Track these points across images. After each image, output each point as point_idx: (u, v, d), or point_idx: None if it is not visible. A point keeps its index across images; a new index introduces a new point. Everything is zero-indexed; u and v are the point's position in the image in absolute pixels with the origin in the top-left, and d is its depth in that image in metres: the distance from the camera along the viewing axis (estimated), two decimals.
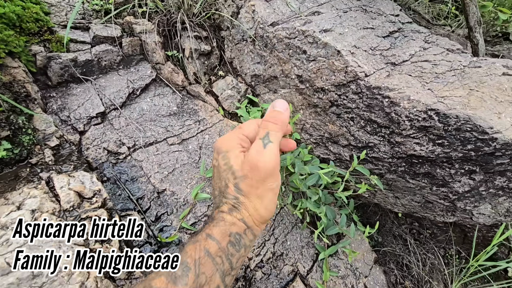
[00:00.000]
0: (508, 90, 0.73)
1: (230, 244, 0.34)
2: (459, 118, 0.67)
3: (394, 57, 0.86)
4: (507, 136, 0.64)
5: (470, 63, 0.85)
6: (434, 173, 0.81)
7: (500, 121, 0.66)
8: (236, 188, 0.36)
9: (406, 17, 1.13)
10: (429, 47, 0.91)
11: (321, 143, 1.04)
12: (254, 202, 0.36)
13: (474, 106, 0.69)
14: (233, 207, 0.36)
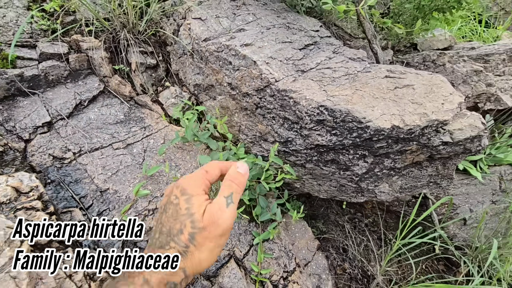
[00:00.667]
0: (384, 89, 0.92)
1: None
2: (342, 112, 0.84)
3: (303, 66, 1.04)
4: (377, 124, 0.82)
5: (364, 69, 1.04)
6: (338, 159, 0.97)
7: (373, 112, 0.84)
8: (190, 237, 0.36)
9: (326, 32, 1.33)
10: (334, 56, 1.10)
11: (255, 142, 1.19)
12: (202, 253, 0.36)
13: (355, 102, 0.86)
14: (180, 254, 0.36)
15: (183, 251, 0.36)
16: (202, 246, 0.36)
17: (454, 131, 0.84)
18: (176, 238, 0.36)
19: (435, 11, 1.34)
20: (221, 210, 0.37)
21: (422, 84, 0.95)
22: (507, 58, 1.46)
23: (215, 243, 0.37)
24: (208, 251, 0.37)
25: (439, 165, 0.98)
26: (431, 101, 0.87)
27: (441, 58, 1.40)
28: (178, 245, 0.36)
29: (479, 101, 1.39)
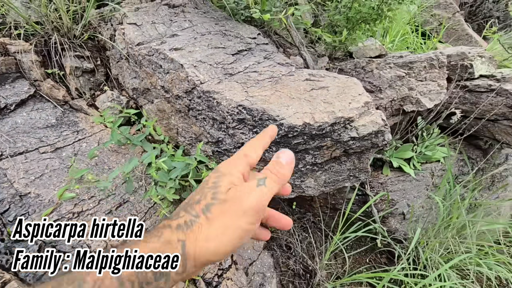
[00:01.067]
0: (302, 90, 1.00)
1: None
2: (258, 111, 0.90)
3: (232, 69, 1.09)
4: (290, 121, 0.89)
5: (288, 73, 1.12)
6: (264, 156, 1.03)
7: (287, 111, 0.91)
8: (205, 207, 0.31)
9: (263, 40, 1.41)
10: (264, 61, 1.18)
11: (192, 144, 1.22)
12: (212, 229, 0.30)
13: (272, 101, 0.93)
14: (185, 223, 0.30)
15: (190, 221, 0.30)
16: (215, 220, 0.31)
17: (359, 127, 0.93)
18: (189, 207, 0.32)
19: (362, 22, 1.47)
20: (249, 188, 0.33)
21: (336, 86, 1.04)
22: (427, 65, 1.63)
23: (232, 221, 0.30)
24: (221, 228, 0.30)
25: (355, 159, 1.06)
26: (340, 101, 0.96)
27: (369, 65, 1.53)
28: (187, 214, 0.31)
29: (403, 103, 1.53)
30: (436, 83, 1.62)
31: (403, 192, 1.85)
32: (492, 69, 1.80)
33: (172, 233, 0.30)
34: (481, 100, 1.71)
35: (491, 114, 1.69)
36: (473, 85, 1.74)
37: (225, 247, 0.30)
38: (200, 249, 0.29)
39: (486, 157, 1.99)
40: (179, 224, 0.30)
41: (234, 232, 0.30)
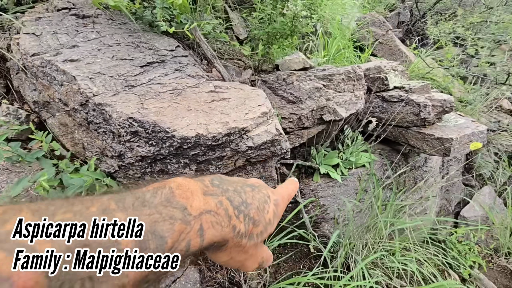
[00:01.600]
0: (201, 101, 1.01)
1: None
2: (149, 123, 0.89)
3: (135, 81, 1.07)
4: (182, 133, 0.89)
5: (195, 85, 1.13)
6: (167, 169, 1.01)
7: (180, 122, 0.91)
8: (251, 236, 0.35)
9: (182, 52, 1.42)
10: (173, 73, 1.17)
11: (100, 158, 1.16)
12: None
13: (166, 113, 0.92)
14: (238, 233, 0.32)
15: (240, 233, 0.32)
16: (242, 252, 0.34)
17: (254, 136, 0.95)
18: (247, 217, 0.34)
19: (280, 37, 1.55)
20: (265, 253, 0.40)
21: (239, 97, 1.07)
22: (345, 78, 1.75)
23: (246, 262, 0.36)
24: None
25: (260, 168, 1.09)
26: (237, 112, 0.98)
27: (290, 77, 1.60)
28: (241, 222, 0.33)
29: (323, 113, 1.62)
30: (353, 94, 1.75)
31: (333, 197, 1.93)
32: (404, 81, 2.00)
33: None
34: (395, 109, 1.87)
35: (403, 121, 1.85)
36: (388, 95, 1.90)
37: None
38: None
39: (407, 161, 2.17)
40: (235, 226, 0.32)
41: (234, 265, 0.35)
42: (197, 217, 0.28)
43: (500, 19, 3.79)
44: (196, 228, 0.28)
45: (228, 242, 0.32)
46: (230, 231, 0.31)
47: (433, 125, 1.79)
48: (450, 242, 2.50)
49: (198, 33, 1.21)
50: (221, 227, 0.30)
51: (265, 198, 0.37)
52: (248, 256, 0.36)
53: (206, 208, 0.30)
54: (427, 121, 1.74)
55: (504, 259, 2.64)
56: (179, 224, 0.27)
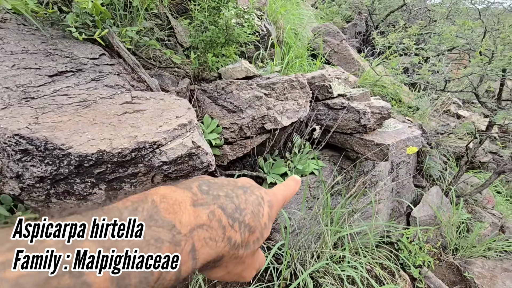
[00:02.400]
0: (112, 114, 0.92)
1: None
2: (40, 140, 0.79)
3: (37, 93, 0.96)
4: (79, 149, 0.79)
5: (110, 96, 1.04)
6: (72, 190, 0.90)
7: (80, 138, 0.81)
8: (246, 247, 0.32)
9: (107, 60, 1.32)
10: (87, 83, 1.07)
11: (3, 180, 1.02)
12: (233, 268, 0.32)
13: (63, 128, 0.83)
14: (234, 244, 0.29)
15: (235, 245, 0.29)
16: (239, 263, 0.31)
17: (167, 150, 0.88)
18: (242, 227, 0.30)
19: (216, 46, 1.51)
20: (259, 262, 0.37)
21: (156, 108, 1.00)
22: (288, 86, 1.75)
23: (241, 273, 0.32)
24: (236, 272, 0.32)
25: None
26: (150, 124, 0.91)
27: (229, 86, 1.57)
28: (238, 233, 0.29)
29: (264, 122, 1.60)
30: (296, 102, 1.75)
31: (283, 206, 1.90)
32: (348, 88, 2.05)
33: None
34: (339, 116, 1.90)
35: (347, 128, 1.89)
36: (332, 103, 1.94)
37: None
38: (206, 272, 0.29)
39: (356, 166, 2.21)
40: (230, 238, 0.28)
41: (231, 278, 0.32)
42: (188, 235, 0.25)
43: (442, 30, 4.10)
44: (188, 249, 0.24)
45: (223, 257, 0.28)
46: (226, 245, 0.28)
47: (374, 131, 1.84)
48: (401, 243, 2.58)
49: (116, 40, 1.13)
50: (215, 242, 0.27)
51: (258, 200, 0.34)
52: (246, 266, 0.33)
53: (197, 223, 0.26)
54: (367, 128, 1.79)
55: (452, 256, 2.78)
56: (167, 247, 0.23)
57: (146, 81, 1.19)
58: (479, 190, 3.19)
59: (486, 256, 2.73)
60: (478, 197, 3.69)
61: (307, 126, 2.03)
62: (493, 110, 3.04)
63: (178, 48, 2.00)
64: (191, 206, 0.27)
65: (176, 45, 1.99)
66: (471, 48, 3.36)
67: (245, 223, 0.30)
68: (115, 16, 1.44)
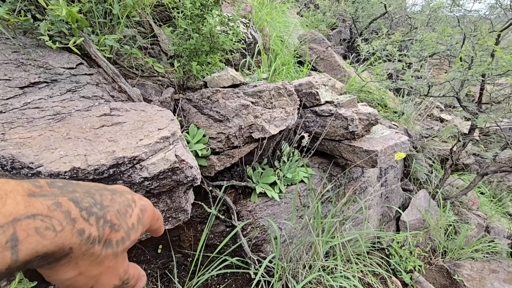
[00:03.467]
0: (88, 128, 0.86)
1: None
2: (6, 158, 0.72)
3: (5, 106, 0.89)
4: (50, 167, 0.73)
5: (87, 108, 0.98)
6: None
7: (51, 155, 0.75)
8: (107, 244, 0.29)
9: (86, 70, 1.25)
10: (61, 95, 1.01)
11: None
12: (87, 267, 0.28)
13: (33, 144, 0.76)
14: (88, 238, 0.26)
15: (93, 238, 0.27)
16: (97, 263, 0.28)
17: (149, 166, 0.83)
18: (102, 221, 0.28)
19: (201, 54, 1.47)
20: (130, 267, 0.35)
21: (137, 120, 0.94)
22: (275, 94, 1.73)
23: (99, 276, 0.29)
24: (88, 274, 0.28)
25: (167, 199, 0.96)
26: (129, 138, 0.85)
27: (215, 94, 1.53)
28: (95, 227, 0.27)
29: (251, 131, 1.56)
30: (284, 109, 1.73)
31: (273, 217, 1.86)
32: (335, 95, 2.05)
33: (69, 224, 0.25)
34: (327, 123, 1.89)
35: (335, 135, 1.88)
36: (320, 110, 1.93)
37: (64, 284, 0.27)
38: (57, 273, 0.26)
39: (345, 173, 2.20)
40: (82, 230, 0.26)
41: (85, 283, 0.28)
42: (7, 225, 0.22)
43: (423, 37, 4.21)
44: (4, 239, 0.21)
45: (72, 250, 0.26)
46: (74, 236, 0.25)
47: (362, 137, 1.84)
48: (392, 248, 2.58)
49: (93, 48, 1.07)
50: (54, 232, 0.24)
51: (128, 202, 0.33)
52: (104, 269, 0.30)
53: (27, 213, 0.23)
54: (356, 134, 1.79)
55: (441, 259, 2.80)
56: None
57: (127, 92, 1.13)
58: (465, 193, 3.25)
59: (474, 258, 2.76)
60: (463, 199, 3.76)
61: (295, 133, 2.01)
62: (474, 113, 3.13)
63: (162, 57, 1.95)
64: (25, 196, 0.24)
65: (160, 54, 1.94)
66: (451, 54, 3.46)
67: (105, 219, 0.29)
68: (94, 24, 1.38)
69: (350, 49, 6.90)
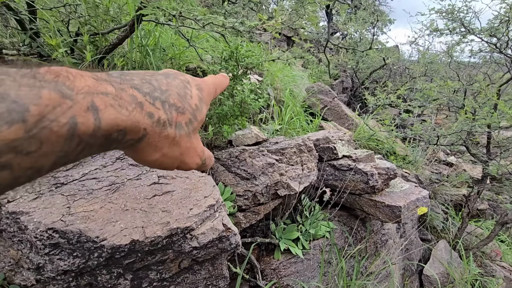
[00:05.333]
0: (142, 198, 0.93)
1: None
2: (74, 233, 0.78)
3: (66, 178, 0.97)
4: (113, 241, 0.78)
5: (136, 176, 1.05)
6: (96, 282, 0.85)
7: (113, 228, 0.80)
8: (179, 126, 0.30)
9: None
10: (112, 164, 1.10)
11: (15, 270, 0.96)
12: (163, 148, 0.29)
13: (96, 218, 0.82)
14: (158, 121, 0.27)
15: (163, 122, 0.27)
16: (174, 145, 0.29)
17: (199, 235, 0.88)
18: (168, 106, 0.28)
19: (230, 117, 1.60)
20: (201, 149, 0.35)
21: (183, 189, 1.01)
22: (297, 151, 1.82)
23: (179, 156, 0.31)
24: (166, 155, 0.29)
25: (209, 266, 0.98)
26: (181, 208, 0.91)
27: (243, 154, 1.62)
28: (165, 113, 0.28)
29: (277, 188, 1.62)
30: (306, 166, 1.80)
31: (297, 275, 1.81)
32: (351, 149, 2.14)
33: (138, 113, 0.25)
34: (346, 176, 1.95)
35: (355, 189, 1.92)
36: (338, 164, 2.00)
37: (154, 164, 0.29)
38: (141, 154, 0.28)
39: (365, 226, 2.19)
40: (151, 113, 0.26)
41: (171, 163, 0.30)
42: (85, 94, 0.21)
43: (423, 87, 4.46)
44: (84, 104, 0.21)
45: (147, 132, 0.26)
46: (145, 118, 0.25)
47: (382, 191, 1.88)
48: None
49: None
50: (127, 110, 0.24)
51: (184, 84, 0.32)
52: (184, 150, 0.31)
53: (98, 90, 0.22)
54: (376, 188, 1.83)
55: None
56: (49, 92, 0.19)
57: None
58: (486, 243, 3.15)
59: None
60: (485, 249, 3.62)
61: (313, 186, 2.05)
62: (484, 161, 3.18)
63: None
64: (92, 78, 0.23)
65: None
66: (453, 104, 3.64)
67: (169, 103, 0.29)
68: None
69: (353, 97, 7.24)
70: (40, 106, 0.18)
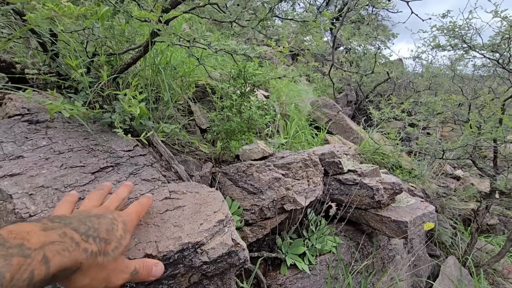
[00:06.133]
0: (154, 213, 0.97)
1: None
2: None
3: (83, 192, 1.01)
4: (128, 255, 0.81)
5: (150, 191, 1.10)
6: None
7: None
8: (106, 253, 0.42)
9: (140, 151, 1.42)
10: (126, 179, 1.14)
11: None
12: (98, 274, 0.39)
13: None
14: (91, 253, 0.37)
15: (95, 253, 0.38)
16: (100, 269, 0.39)
17: (209, 250, 0.90)
18: (98, 240, 0.40)
19: (238, 133, 1.65)
20: (126, 267, 0.50)
21: (194, 203, 1.05)
22: (303, 166, 1.85)
23: (105, 279, 0.40)
24: (98, 279, 0.39)
25: (218, 281, 1.00)
26: (191, 223, 0.95)
27: (250, 168, 1.65)
28: (94, 245, 0.39)
29: (283, 202, 1.64)
30: (312, 180, 1.82)
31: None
32: (356, 164, 2.16)
33: (75, 245, 0.35)
34: (351, 191, 1.96)
35: (361, 204, 1.93)
36: (344, 178, 2.02)
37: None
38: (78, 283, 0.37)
39: (371, 241, 2.17)
40: (86, 249, 0.36)
41: (98, 285, 0.39)
42: (39, 249, 0.31)
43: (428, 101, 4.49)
44: (39, 258, 0.30)
45: (82, 264, 0.35)
46: (81, 254, 0.35)
47: (388, 206, 1.88)
48: None
49: (156, 138, 1.24)
50: (69, 252, 0.34)
51: (111, 221, 0.47)
52: (110, 271, 0.41)
53: (48, 240, 0.32)
54: (382, 203, 1.84)
55: None
56: (17, 258, 0.28)
57: (178, 172, 1.27)
58: (497, 260, 3.08)
59: None
60: (496, 266, 3.53)
61: (319, 201, 2.06)
62: (491, 176, 3.15)
63: (197, 130, 2.16)
64: (42, 231, 0.33)
65: (195, 127, 2.15)
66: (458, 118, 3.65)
67: (100, 237, 0.40)
68: (148, 109, 1.60)
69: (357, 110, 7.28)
70: (11, 272, 0.27)
